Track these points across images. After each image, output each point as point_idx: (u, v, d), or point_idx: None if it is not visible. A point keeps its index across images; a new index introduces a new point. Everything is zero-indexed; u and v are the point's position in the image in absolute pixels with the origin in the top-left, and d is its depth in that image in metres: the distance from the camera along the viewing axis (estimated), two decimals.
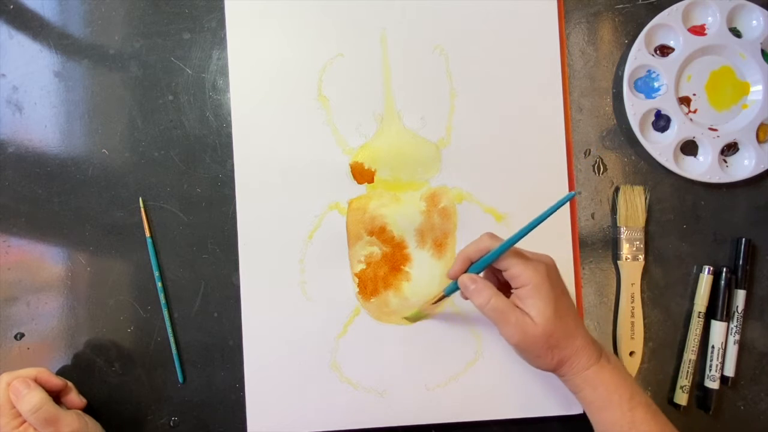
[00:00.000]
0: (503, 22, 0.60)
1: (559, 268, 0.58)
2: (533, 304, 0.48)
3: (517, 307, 0.48)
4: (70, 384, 0.54)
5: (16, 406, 0.48)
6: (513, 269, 0.49)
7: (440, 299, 0.54)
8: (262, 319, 0.58)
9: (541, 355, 0.48)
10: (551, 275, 0.49)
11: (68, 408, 0.53)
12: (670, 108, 0.60)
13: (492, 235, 0.50)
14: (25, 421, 0.48)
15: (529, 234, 0.58)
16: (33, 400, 0.48)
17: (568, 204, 0.59)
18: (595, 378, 0.48)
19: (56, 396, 0.52)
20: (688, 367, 0.59)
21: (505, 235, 0.59)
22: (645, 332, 0.59)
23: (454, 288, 0.52)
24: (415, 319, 0.58)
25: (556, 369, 0.50)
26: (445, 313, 0.59)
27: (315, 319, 0.58)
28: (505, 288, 0.51)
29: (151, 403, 0.58)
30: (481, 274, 0.51)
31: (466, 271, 0.51)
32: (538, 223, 0.48)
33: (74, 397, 0.54)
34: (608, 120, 0.61)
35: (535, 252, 0.51)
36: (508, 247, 0.49)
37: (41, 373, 0.51)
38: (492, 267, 0.50)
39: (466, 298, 0.51)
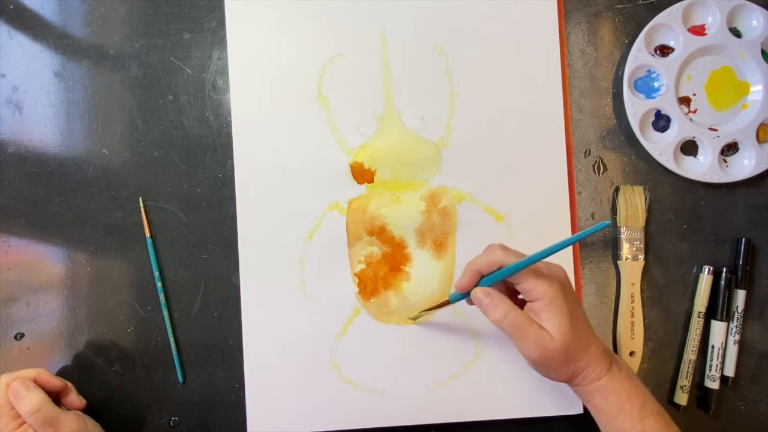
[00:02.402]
0: (503, 22, 0.60)
1: None
2: (549, 319, 0.47)
3: (534, 321, 0.47)
4: (69, 385, 0.53)
5: (16, 407, 0.47)
6: (526, 284, 0.47)
7: (443, 305, 0.54)
8: (262, 319, 0.57)
9: (557, 368, 0.48)
10: (565, 288, 0.48)
11: (68, 409, 0.52)
12: (670, 108, 0.60)
13: (503, 248, 0.49)
14: (24, 422, 0.48)
15: (530, 232, 0.58)
16: (32, 401, 0.47)
17: (568, 204, 0.59)
18: (607, 387, 0.48)
19: (56, 397, 0.52)
20: (688, 367, 0.58)
21: (505, 236, 0.58)
22: (645, 332, 0.59)
23: (460, 297, 0.51)
24: (417, 319, 0.57)
25: (569, 380, 0.49)
26: (445, 314, 0.58)
27: (315, 319, 0.57)
28: (512, 296, 0.50)
29: (151, 403, 0.57)
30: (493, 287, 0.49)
31: (476, 284, 0.49)
32: (563, 247, 0.46)
33: (74, 398, 0.53)
34: (608, 120, 0.61)
35: (549, 262, 0.49)
36: (527, 265, 0.47)
37: (41, 374, 0.51)
38: (505, 281, 0.49)
39: (472, 304, 0.50)
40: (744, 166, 0.60)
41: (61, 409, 0.50)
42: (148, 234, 0.58)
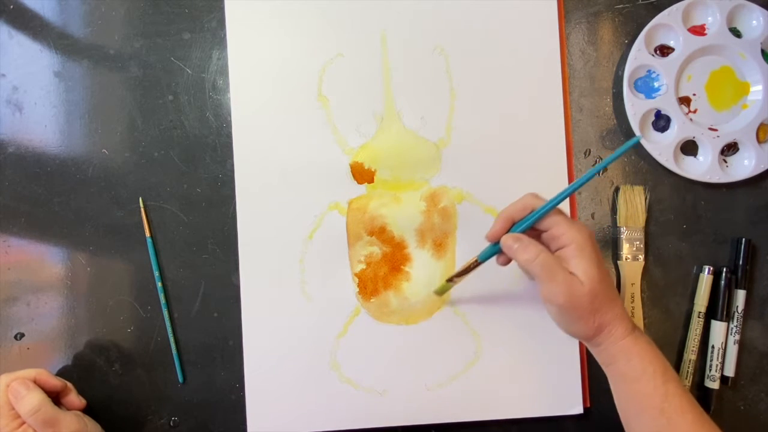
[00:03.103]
0: (503, 22, 0.60)
1: None
2: (578, 264, 0.46)
3: (563, 266, 0.47)
4: (69, 385, 0.53)
5: (16, 407, 0.47)
6: (556, 228, 0.47)
7: (473, 268, 0.52)
8: (262, 319, 0.57)
9: (584, 317, 0.46)
10: (593, 239, 0.47)
11: (68, 409, 0.52)
12: (670, 108, 0.59)
13: (535, 195, 0.49)
14: (24, 423, 0.47)
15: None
16: (32, 401, 0.47)
17: (568, 204, 0.59)
18: (631, 348, 0.47)
19: (56, 397, 0.52)
20: (688, 367, 0.58)
21: None
22: (645, 332, 0.58)
23: (490, 253, 0.50)
24: (442, 292, 0.57)
25: (594, 335, 0.47)
26: (444, 314, 0.58)
27: (315, 319, 0.57)
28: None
29: (151, 403, 0.57)
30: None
31: (508, 232, 0.49)
32: (593, 175, 0.47)
33: (74, 398, 0.53)
34: (608, 120, 0.60)
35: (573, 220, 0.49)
36: (557, 203, 0.47)
37: (40, 374, 0.50)
38: (530, 230, 0.49)
39: (504, 264, 0.49)
40: (744, 166, 0.60)
41: (61, 410, 0.49)
42: (148, 234, 0.57)
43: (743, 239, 0.59)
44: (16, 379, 0.48)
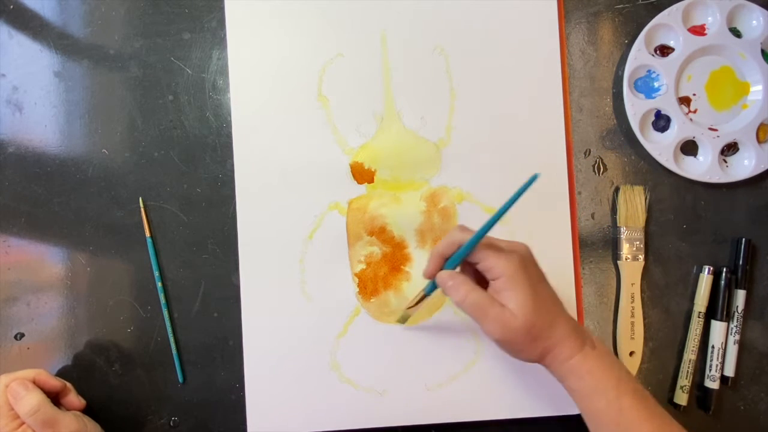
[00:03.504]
0: (503, 22, 0.59)
1: (559, 269, 0.58)
2: (510, 297, 0.45)
3: (496, 300, 0.46)
4: (68, 385, 0.53)
5: (15, 408, 0.47)
6: (485, 262, 0.46)
7: (421, 300, 0.52)
8: (262, 319, 0.56)
9: (524, 348, 0.46)
10: (526, 264, 0.46)
11: (67, 409, 0.52)
12: (670, 108, 0.59)
13: (463, 228, 0.48)
14: (23, 423, 0.47)
15: (529, 234, 0.57)
16: (31, 402, 0.47)
17: (568, 204, 0.58)
18: (580, 367, 0.46)
19: (55, 397, 0.51)
20: (688, 367, 0.58)
21: (505, 236, 0.58)
22: (645, 332, 0.58)
23: (433, 287, 0.50)
24: (404, 320, 0.56)
25: (540, 359, 0.47)
26: (445, 314, 0.57)
27: (315, 319, 0.57)
28: (483, 281, 0.48)
29: (151, 403, 0.57)
30: (458, 269, 0.48)
31: (441, 269, 0.48)
32: (504, 212, 0.45)
33: (73, 398, 0.52)
34: (608, 120, 0.60)
35: (511, 241, 0.48)
36: (479, 239, 0.46)
37: (40, 374, 0.50)
38: (468, 261, 0.48)
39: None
40: (744, 166, 0.59)
41: (60, 410, 0.49)
42: (148, 234, 0.57)
43: (743, 239, 0.59)
44: (16, 379, 0.48)
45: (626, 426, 0.44)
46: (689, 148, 0.60)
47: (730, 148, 0.60)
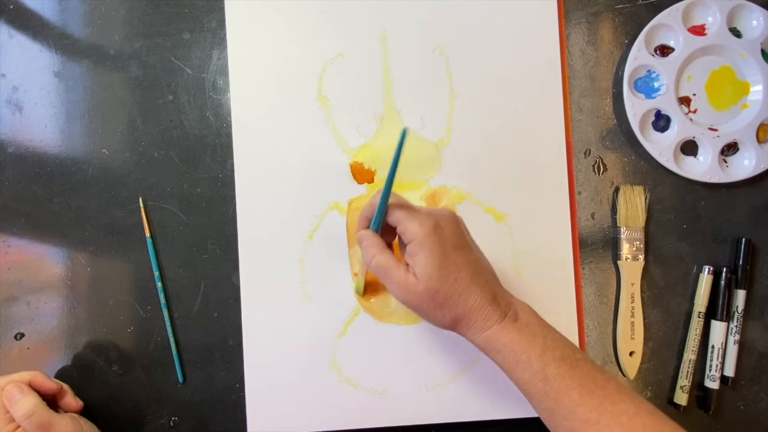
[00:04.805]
0: (503, 22, 0.57)
1: (559, 269, 0.56)
2: (417, 261, 0.43)
3: (407, 264, 0.44)
4: (65, 386, 0.51)
5: (10, 411, 0.45)
6: (401, 225, 0.44)
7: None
8: (262, 319, 0.55)
9: (431, 314, 0.44)
10: (440, 229, 0.43)
11: (65, 411, 0.50)
12: (670, 108, 0.57)
13: (380, 191, 0.45)
14: (19, 426, 0.45)
15: (530, 234, 0.56)
16: (26, 405, 0.45)
17: (568, 204, 0.56)
18: (496, 340, 0.43)
19: (52, 399, 0.49)
20: (688, 367, 0.56)
21: (505, 235, 0.56)
22: (645, 332, 0.56)
23: None
24: (359, 291, 0.54)
25: (452, 328, 0.45)
26: None
27: (315, 319, 0.55)
28: None
29: (151, 403, 0.55)
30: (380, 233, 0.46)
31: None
32: (395, 167, 0.43)
33: (70, 400, 0.50)
34: (608, 120, 0.58)
35: (436, 208, 0.45)
36: (386, 199, 0.44)
37: (35, 376, 0.48)
38: (392, 225, 0.46)
39: None
40: (744, 166, 0.57)
41: (55, 413, 0.47)
42: (148, 234, 0.55)
43: (743, 239, 0.57)
44: (11, 382, 0.46)
45: (554, 395, 0.42)
46: (689, 148, 0.58)
47: (730, 148, 0.58)
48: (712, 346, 0.56)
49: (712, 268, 0.56)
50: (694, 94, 0.58)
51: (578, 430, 0.41)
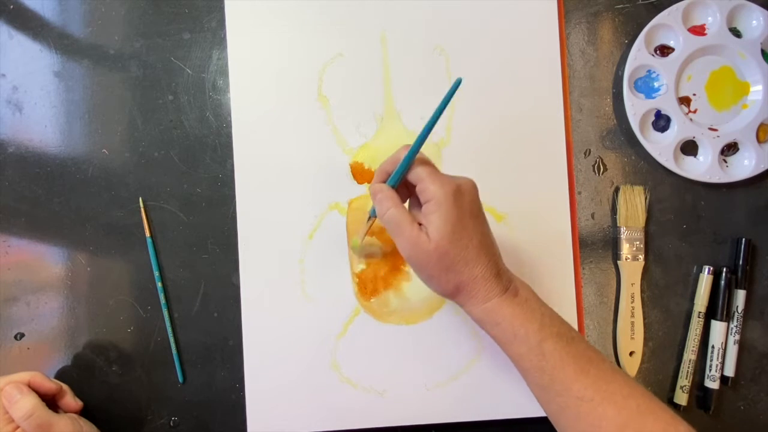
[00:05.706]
0: (503, 22, 0.56)
1: (559, 269, 0.55)
2: (432, 220, 0.42)
3: (420, 223, 0.43)
4: (65, 387, 0.50)
5: (9, 411, 0.44)
6: (421, 183, 0.43)
7: (370, 221, 0.49)
8: (262, 319, 0.54)
9: (435, 275, 0.43)
10: (459, 195, 0.43)
11: (64, 411, 0.49)
12: (670, 108, 0.56)
13: (407, 147, 0.45)
14: (18, 427, 0.44)
15: (530, 234, 0.55)
16: (26, 406, 0.44)
17: (568, 204, 0.55)
18: (496, 313, 0.43)
19: (51, 399, 0.49)
20: (688, 367, 0.55)
21: (505, 235, 0.55)
22: (645, 332, 0.55)
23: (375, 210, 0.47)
24: (358, 248, 0.54)
25: (454, 295, 0.44)
26: (444, 313, 0.55)
27: (315, 319, 0.54)
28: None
29: (151, 403, 0.54)
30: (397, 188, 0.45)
31: None
32: (436, 120, 0.43)
33: (70, 400, 0.50)
34: (608, 120, 0.57)
35: (458, 175, 0.45)
36: (414, 154, 0.43)
37: (35, 377, 0.47)
38: (411, 183, 0.45)
39: None
40: (744, 166, 0.57)
41: (55, 413, 0.46)
42: (148, 234, 0.54)
43: (743, 239, 0.56)
44: (10, 383, 0.45)
45: (550, 371, 0.42)
46: (689, 148, 0.57)
47: (730, 148, 0.57)
48: (712, 346, 0.55)
49: (712, 268, 0.55)
50: (694, 94, 0.57)
51: (572, 406, 0.41)
